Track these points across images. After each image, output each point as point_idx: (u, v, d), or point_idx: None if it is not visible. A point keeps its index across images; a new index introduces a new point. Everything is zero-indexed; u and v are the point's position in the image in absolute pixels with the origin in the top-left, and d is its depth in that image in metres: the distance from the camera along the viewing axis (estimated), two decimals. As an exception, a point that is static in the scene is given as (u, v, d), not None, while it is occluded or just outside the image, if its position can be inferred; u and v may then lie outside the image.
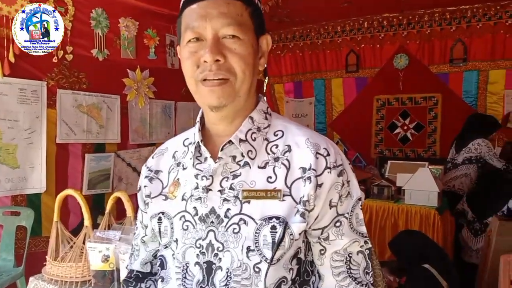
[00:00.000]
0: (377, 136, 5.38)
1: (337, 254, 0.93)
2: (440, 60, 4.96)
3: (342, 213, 0.92)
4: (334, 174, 0.88)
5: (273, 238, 0.84)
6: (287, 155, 0.90)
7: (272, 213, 0.86)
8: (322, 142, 0.92)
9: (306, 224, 0.87)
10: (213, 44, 0.85)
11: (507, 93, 4.63)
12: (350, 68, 5.50)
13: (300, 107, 5.96)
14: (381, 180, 3.70)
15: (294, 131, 0.94)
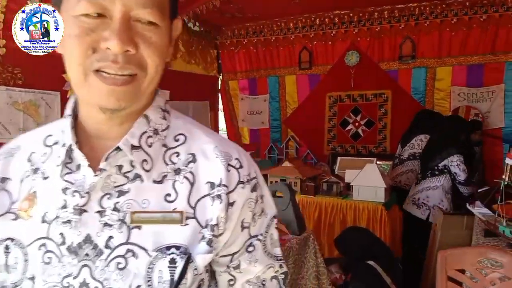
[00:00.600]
0: (330, 133, 5.40)
1: (249, 283, 0.78)
2: (389, 57, 5.03)
3: (255, 235, 0.76)
4: (248, 189, 0.73)
5: (172, 275, 0.67)
6: (191, 166, 0.72)
7: (171, 242, 0.68)
8: (234, 151, 0.75)
9: (213, 253, 0.72)
10: (123, 27, 0.64)
11: (453, 89, 4.75)
12: (303, 65, 5.49)
13: (255, 104, 5.90)
14: (331, 176, 3.70)
15: (199, 136, 0.76)
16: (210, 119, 5.92)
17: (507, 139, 4.51)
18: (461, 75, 4.70)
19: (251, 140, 5.95)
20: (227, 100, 6.08)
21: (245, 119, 5.97)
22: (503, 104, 4.50)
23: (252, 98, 5.92)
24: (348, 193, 3.72)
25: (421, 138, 4.07)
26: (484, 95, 4.60)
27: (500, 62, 4.49)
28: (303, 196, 3.71)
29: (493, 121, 4.56)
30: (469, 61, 4.64)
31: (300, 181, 3.72)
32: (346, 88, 5.25)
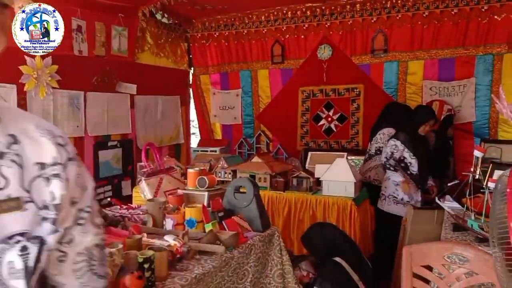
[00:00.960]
0: (303, 128, 5.32)
1: (80, 255, 0.78)
2: (362, 50, 4.98)
3: (82, 208, 0.78)
4: (75, 165, 0.75)
5: (25, 263, 0.65)
6: (16, 148, 0.68)
7: (13, 231, 0.65)
8: (54, 128, 0.75)
9: (60, 232, 0.72)
10: None
11: (425, 83, 4.73)
12: (276, 59, 5.39)
13: (227, 99, 5.77)
14: (301, 172, 3.60)
15: (14, 115, 0.72)
16: (181, 114, 5.77)
17: (478, 133, 4.51)
18: (432, 69, 4.68)
19: (224, 135, 5.82)
20: (198, 95, 5.93)
21: (217, 114, 5.83)
22: (474, 98, 4.50)
23: (224, 92, 5.79)
24: (318, 189, 3.64)
25: (383, 132, 4.04)
26: (455, 89, 4.59)
27: (470, 56, 4.48)
28: (272, 191, 3.61)
29: (464, 115, 4.56)
30: (440, 54, 4.62)
31: (269, 177, 3.62)
32: (318, 83, 5.18)
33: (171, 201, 2.30)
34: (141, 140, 5.07)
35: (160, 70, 5.27)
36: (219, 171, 3.84)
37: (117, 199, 2.80)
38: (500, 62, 4.34)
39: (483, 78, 4.43)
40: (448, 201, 3.21)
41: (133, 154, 5.04)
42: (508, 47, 4.27)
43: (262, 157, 3.80)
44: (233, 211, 2.32)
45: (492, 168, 3.96)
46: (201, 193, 2.40)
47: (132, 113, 4.95)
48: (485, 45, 4.39)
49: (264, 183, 3.65)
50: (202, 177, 2.42)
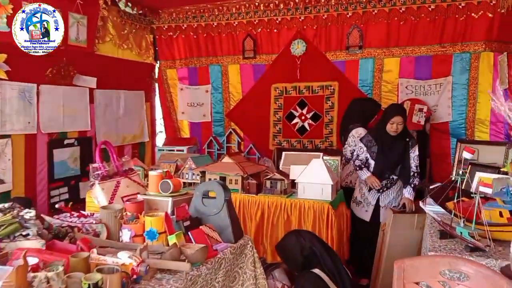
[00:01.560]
0: (275, 126, 5.09)
1: None
2: (336, 47, 4.79)
3: None
4: None
5: None
6: None
7: None
8: None
9: None
10: None
11: (401, 81, 4.59)
12: (247, 54, 5.13)
13: (195, 95, 5.46)
14: (275, 173, 3.36)
15: None
16: (146, 111, 5.42)
17: (455, 133, 4.41)
18: (409, 67, 4.55)
19: (192, 134, 5.50)
20: (164, 91, 5.59)
21: (185, 111, 5.51)
22: (450, 97, 4.39)
23: (192, 88, 5.47)
24: (293, 191, 3.41)
25: (353, 134, 3.89)
26: (432, 87, 4.47)
27: (447, 54, 4.37)
28: (244, 195, 3.35)
29: (440, 114, 4.44)
30: (417, 52, 4.48)
31: (241, 179, 3.35)
32: (292, 79, 4.95)
33: (129, 208, 1.99)
34: (101, 137, 4.69)
35: (123, 63, 4.90)
36: (187, 172, 3.55)
37: (70, 203, 2.45)
38: (477, 61, 4.24)
39: (460, 77, 4.32)
40: (430, 205, 3.04)
41: (92, 153, 4.66)
42: (485, 46, 4.18)
43: (233, 157, 3.53)
44: (201, 219, 2.04)
45: (471, 169, 3.85)
46: (164, 199, 2.10)
47: (92, 108, 4.58)
48: (462, 43, 4.29)
49: (235, 186, 3.38)
50: (166, 180, 2.12)
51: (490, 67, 4.16)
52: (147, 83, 5.50)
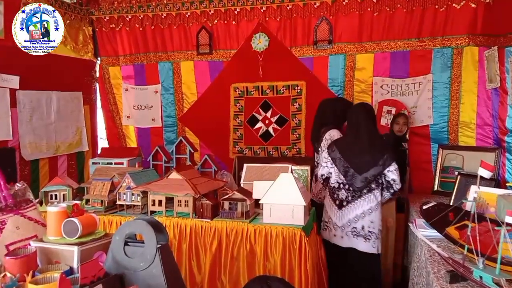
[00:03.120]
0: (236, 132, 4.47)
1: None
2: (303, 41, 4.23)
3: None
4: None
5: None
6: None
7: None
8: None
9: None
10: None
11: (376, 80, 4.08)
12: (202, 49, 4.48)
13: (143, 96, 4.75)
14: (234, 192, 2.72)
15: None
16: (84, 115, 4.65)
17: (436, 138, 3.94)
18: (384, 64, 4.05)
19: (139, 142, 4.79)
20: (106, 91, 4.84)
21: (131, 115, 4.79)
22: (431, 97, 3.92)
23: (139, 88, 4.76)
24: (257, 213, 2.79)
25: (325, 137, 3.35)
26: (410, 87, 3.99)
27: (427, 49, 3.90)
28: (197, 220, 2.69)
29: (420, 117, 3.97)
30: (392, 47, 4.00)
31: (192, 200, 2.70)
32: (254, 79, 4.35)
33: (10, 266, 1.31)
34: (27, 148, 3.93)
35: (54, 59, 4.11)
36: (124, 192, 2.85)
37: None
38: (459, 57, 3.79)
39: (441, 74, 3.87)
40: (423, 228, 2.51)
41: (16, 168, 3.87)
42: (468, 39, 3.74)
43: (184, 172, 2.86)
44: (122, 278, 1.38)
45: (460, 180, 3.38)
46: (68, 248, 1.43)
47: (14, 113, 3.79)
48: (443, 37, 3.83)
49: (185, 208, 2.73)
50: (71, 219, 1.45)
51: (475, 64, 3.72)
52: (86, 83, 4.74)
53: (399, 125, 3.74)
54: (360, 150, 2.87)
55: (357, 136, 2.93)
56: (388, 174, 2.84)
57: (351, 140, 2.97)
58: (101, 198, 2.93)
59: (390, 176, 2.84)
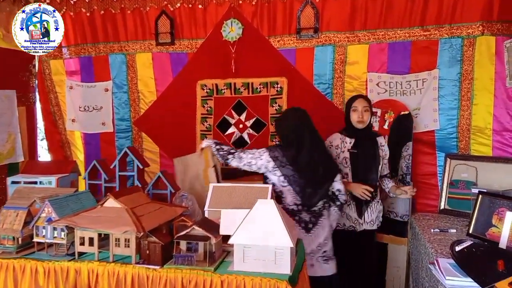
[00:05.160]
0: (204, 138, 3.70)
1: None
2: (284, 30, 3.54)
3: None
4: None
5: None
6: None
7: None
8: None
9: None
10: None
11: (371, 77, 3.42)
12: (162, 39, 3.72)
13: (91, 95, 3.94)
14: (194, 226, 1.96)
15: None
16: (18, 118, 3.81)
17: (443, 145, 3.30)
18: (380, 57, 3.40)
19: (87, 151, 3.98)
20: (47, 90, 4.01)
21: (77, 118, 3.97)
22: (437, 97, 3.28)
23: (86, 86, 3.94)
24: (226, 255, 2.05)
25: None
26: (411, 85, 3.34)
27: (432, 39, 3.26)
28: (141, 267, 1.93)
29: (423, 121, 3.32)
30: (391, 37, 3.35)
31: (135, 240, 1.94)
32: (225, 74, 3.62)
33: None
34: None
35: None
36: (43, 226, 2.06)
37: None
38: (471, 48, 3.17)
39: (449, 70, 3.24)
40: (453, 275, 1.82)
41: None
42: (482, 28, 3.11)
43: (125, 198, 2.09)
44: None
45: (482, 201, 2.73)
46: None
47: None
48: (451, 25, 3.20)
49: (125, 250, 1.96)
50: None
51: (491, 57, 3.10)
52: (22, 80, 3.89)
53: (358, 112, 2.84)
54: (314, 163, 2.53)
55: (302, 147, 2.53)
56: (334, 185, 2.61)
57: (296, 153, 2.53)
58: (13, 234, 2.13)
59: (336, 186, 2.61)
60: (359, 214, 2.85)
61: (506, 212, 2.18)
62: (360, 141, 2.86)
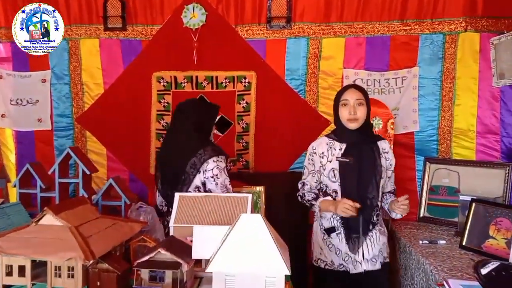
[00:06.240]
0: (160, 139, 3.27)
1: None
2: (253, 18, 3.18)
3: None
4: None
5: None
6: None
7: None
8: None
9: None
10: None
11: (347, 73, 3.14)
12: (112, 23, 3.24)
13: (25, 87, 3.36)
14: (160, 249, 1.54)
15: None
16: None
17: (422, 148, 3.08)
18: (357, 51, 3.13)
19: (19, 151, 3.38)
20: (-32, 79, 3.37)
21: (7, 113, 3.37)
22: (416, 97, 3.06)
23: (19, 76, 3.36)
24: (199, 284, 1.65)
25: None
26: (390, 83, 3.10)
27: (412, 35, 3.04)
28: (89, 302, 1.49)
29: (403, 122, 3.09)
30: (369, 31, 3.09)
31: (81, 268, 1.49)
32: (185, 66, 3.21)
33: None
34: None
35: None
36: (-49, 253, 1.55)
37: None
38: (454, 45, 2.99)
39: (429, 67, 3.04)
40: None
41: None
42: (466, 24, 2.93)
43: (68, 213, 1.63)
44: None
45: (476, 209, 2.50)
46: None
47: None
48: (432, 20, 3.00)
49: (68, 282, 1.50)
50: None
51: (474, 54, 2.93)
52: None
53: (349, 108, 2.15)
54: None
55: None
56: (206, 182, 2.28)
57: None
58: None
59: (208, 185, 2.27)
60: (352, 248, 2.12)
61: (505, 222, 1.95)
62: (353, 147, 2.17)
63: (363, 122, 2.17)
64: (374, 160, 2.17)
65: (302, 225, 3.00)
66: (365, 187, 2.14)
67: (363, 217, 2.12)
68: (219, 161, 2.19)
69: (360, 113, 2.15)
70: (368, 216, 2.14)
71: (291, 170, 3.18)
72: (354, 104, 2.14)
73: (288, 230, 1.89)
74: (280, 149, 3.19)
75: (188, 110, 2.29)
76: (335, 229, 2.17)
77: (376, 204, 2.18)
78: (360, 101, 2.15)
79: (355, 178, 2.13)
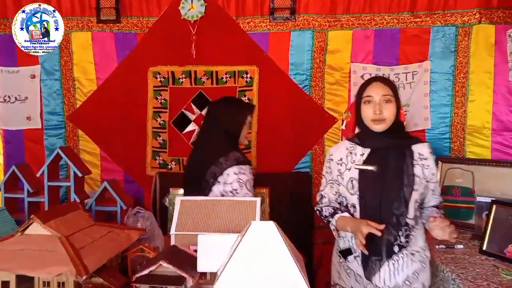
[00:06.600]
0: (157, 137, 3.10)
1: None
2: (255, 10, 3.02)
3: None
4: None
5: None
6: None
7: None
8: None
9: None
10: None
11: (354, 67, 2.98)
12: (105, 15, 3.07)
13: (13, 83, 3.19)
14: (160, 262, 1.37)
15: None
16: None
17: (434, 147, 2.87)
18: (366, 45, 2.98)
19: (7, 151, 3.20)
20: (-48, 74, 3.18)
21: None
22: (428, 93, 2.91)
23: (7, 71, 3.18)
24: (205, 298, 1.49)
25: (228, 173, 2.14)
26: (400, 78, 2.95)
27: (423, 27, 2.89)
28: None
29: (414, 119, 2.94)
30: (377, 23, 2.94)
31: (74, 285, 1.32)
32: (183, 61, 3.04)
33: None
34: None
35: None
36: None
37: None
38: (467, 38, 2.84)
39: (441, 62, 2.88)
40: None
41: None
42: (480, 15, 2.78)
43: (58, 221, 1.46)
44: None
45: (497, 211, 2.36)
46: None
47: None
48: (444, 11, 2.85)
49: (57, 300, 1.33)
50: None
51: (489, 48, 2.79)
52: None
53: (374, 105, 1.76)
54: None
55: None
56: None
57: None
58: None
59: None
60: (366, 272, 1.77)
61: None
62: (378, 153, 1.79)
63: (391, 122, 1.77)
64: (403, 169, 1.77)
65: (306, 225, 2.87)
66: (390, 201, 1.75)
67: (387, 237, 1.73)
68: (241, 173, 1.99)
69: (388, 112, 1.74)
70: (393, 236, 1.74)
71: (296, 170, 3.03)
72: (380, 102, 1.74)
73: (291, 231, 1.72)
74: (283, 148, 3.04)
75: (217, 110, 2.12)
76: (351, 251, 1.82)
77: (405, 223, 1.76)
78: (388, 97, 1.75)
79: (378, 191, 1.76)
